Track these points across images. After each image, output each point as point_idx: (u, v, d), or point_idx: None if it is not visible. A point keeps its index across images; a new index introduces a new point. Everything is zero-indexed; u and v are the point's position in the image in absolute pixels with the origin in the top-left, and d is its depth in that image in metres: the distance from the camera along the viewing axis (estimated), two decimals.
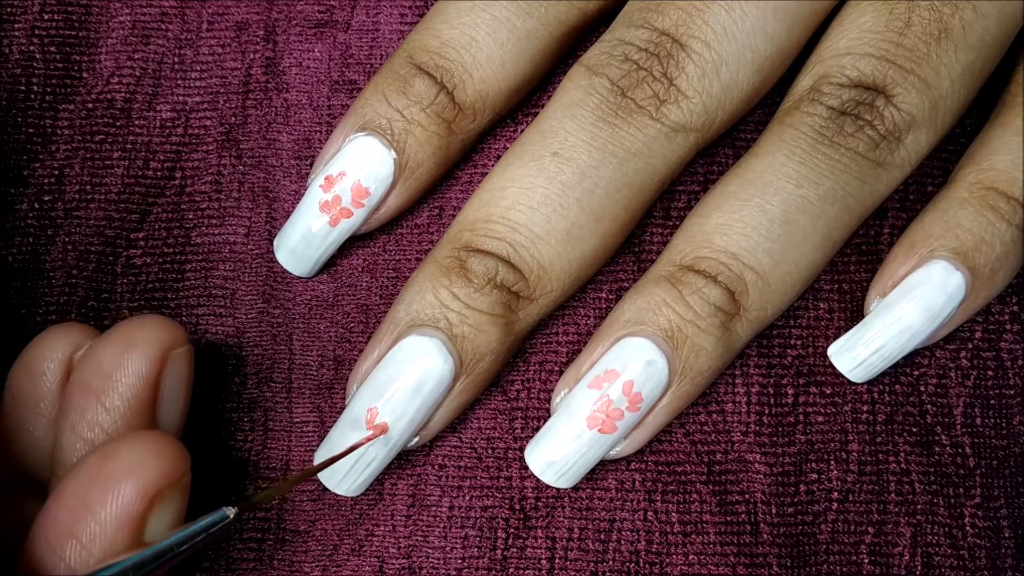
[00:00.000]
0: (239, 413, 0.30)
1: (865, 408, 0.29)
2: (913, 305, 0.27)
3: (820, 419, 0.29)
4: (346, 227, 0.29)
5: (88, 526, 0.22)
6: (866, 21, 0.27)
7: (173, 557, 0.22)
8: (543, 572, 0.28)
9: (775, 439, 0.29)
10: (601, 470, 0.29)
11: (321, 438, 0.28)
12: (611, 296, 0.30)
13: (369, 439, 0.26)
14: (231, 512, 0.23)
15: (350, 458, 0.27)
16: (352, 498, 0.29)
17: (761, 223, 0.26)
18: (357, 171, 0.28)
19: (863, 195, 0.27)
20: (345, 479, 0.27)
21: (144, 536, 0.22)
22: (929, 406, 0.29)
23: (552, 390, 0.29)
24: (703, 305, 0.26)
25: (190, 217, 0.31)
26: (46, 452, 0.26)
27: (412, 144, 0.28)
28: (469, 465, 0.29)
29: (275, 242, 0.30)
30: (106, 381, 0.25)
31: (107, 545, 0.22)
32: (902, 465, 0.29)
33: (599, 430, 0.26)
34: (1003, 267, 0.27)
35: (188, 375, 0.26)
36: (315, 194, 0.28)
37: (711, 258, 0.26)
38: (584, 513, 0.29)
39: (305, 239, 0.29)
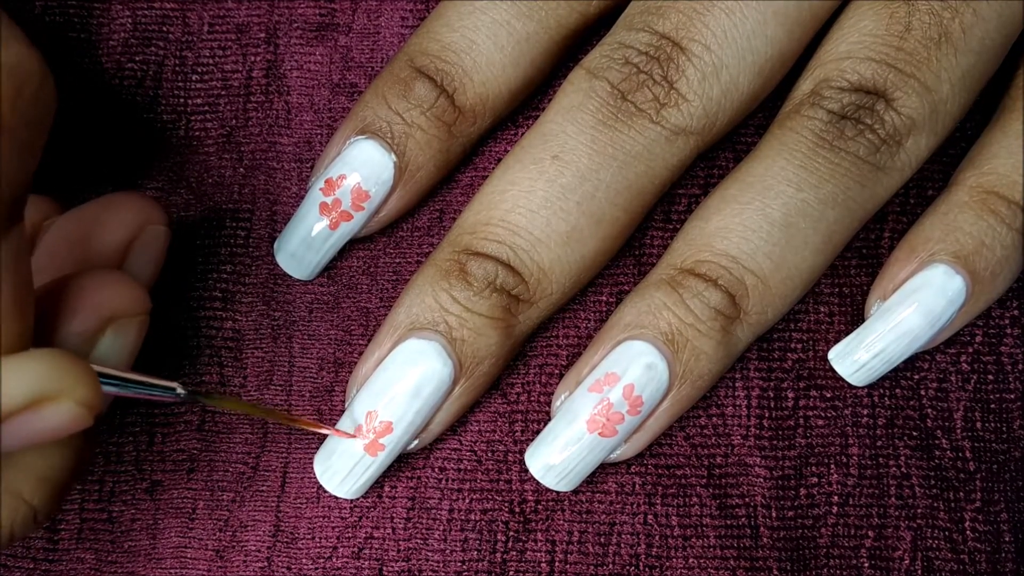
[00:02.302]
0: (239, 416, 0.30)
1: (865, 412, 0.29)
2: (914, 309, 0.27)
3: (820, 423, 0.29)
4: (346, 230, 0.29)
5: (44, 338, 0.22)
6: (866, 25, 0.27)
7: (107, 384, 0.22)
8: (543, 575, 0.28)
9: (775, 443, 0.29)
10: (601, 473, 0.29)
11: (321, 441, 0.28)
12: (611, 299, 0.30)
13: (341, 434, 0.26)
14: (181, 392, 0.23)
15: (349, 460, 0.27)
16: (351, 500, 0.29)
17: (762, 227, 0.26)
18: (357, 174, 0.28)
19: (863, 199, 0.27)
20: (344, 482, 0.27)
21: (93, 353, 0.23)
22: (929, 410, 0.29)
23: (552, 393, 0.29)
24: (703, 309, 0.26)
25: (191, 219, 0.31)
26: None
27: (412, 147, 0.28)
28: (469, 468, 0.29)
29: (275, 245, 0.30)
30: (78, 237, 0.25)
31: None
32: (902, 469, 0.29)
33: (600, 434, 0.26)
34: (1003, 271, 0.27)
35: (158, 254, 0.27)
36: (315, 197, 0.28)
37: (712, 261, 0.26)
38: (584, 516, 0.29)
39: (305, 242, 0.29)
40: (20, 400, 0.19)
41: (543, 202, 0.26)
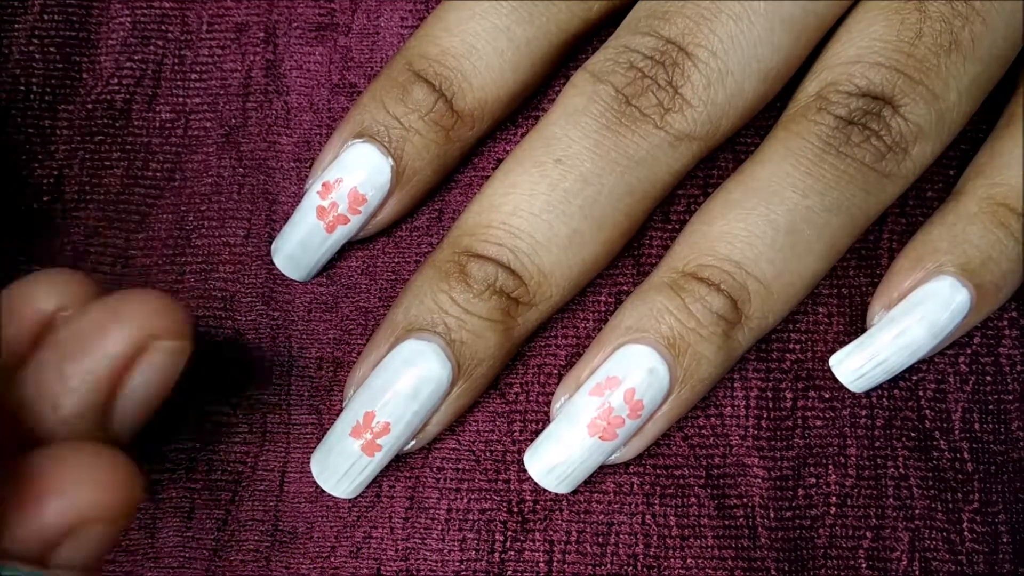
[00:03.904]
0: (237, 415, 0.30)
1: (863, 413, 0.29)
2: (918, 320, 0.27)
3: (818, 423, 0.29)
4: (343, 233, 0.29)
5: (8, 530, 0.20)
6: (876, 30, 0.27)
7: None
8: (541, 575, 0.28)
9: (773, 443, 0.29)
10: (599, 474, 0.29)
11: (319, 440, 0.28)
12: (610, 300, 0.30)
13: None
14: None
15: (346, 460, 0.27)
16: (350, 500, 0.29)
17: (766, 232, 0.26)
18: (354, 178, 0.28)
19: (867, 206, 0.27)
20: (341, 481, 0.27)
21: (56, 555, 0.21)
22: (928, 411, 0.29)
23: (551, 393, 0.29)
24: (705, 313, 0.26)
25: (190, 219, 0.31)
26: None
27: (410, 152, 0.28)
28: (467, 468, 0.29)
29: (273, 247, 0.30)
30: (76, 348, 0.22)
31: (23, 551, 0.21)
32: (900, 470, 0.29)
33: (600, 437, 0.26)
34: (1007, 284, 0.27)
35: (170, 372, 0.23)
36: (312, 200, 0.28)
37: (714, 266, 0.26)
38: (582, 516, 0.29)
39: (302, 245, 0.29)
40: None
41: (545, 205, 0.26)
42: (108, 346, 0.22)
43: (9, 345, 0.23)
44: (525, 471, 0.28)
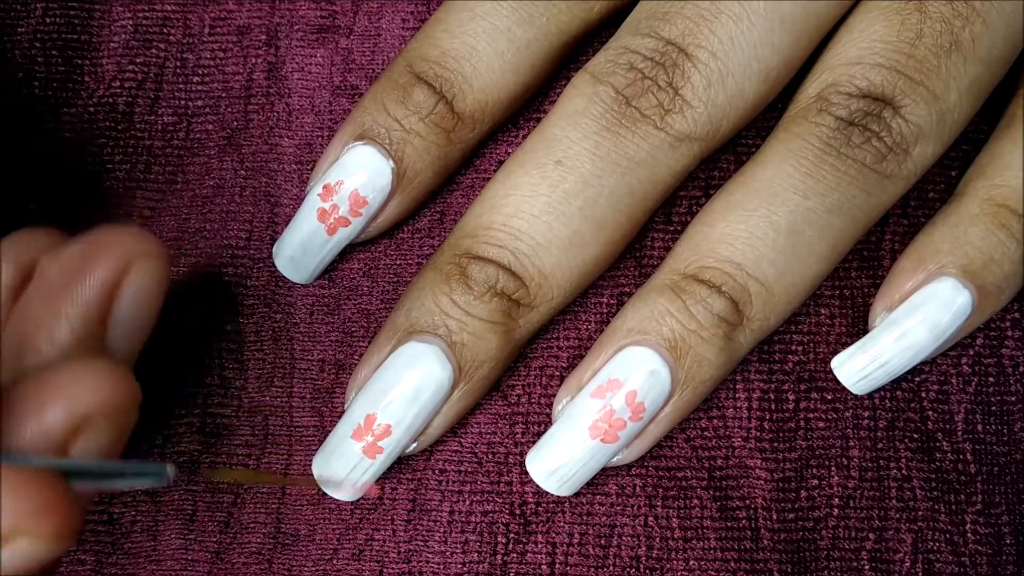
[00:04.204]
0: (239, 418, 0.30)
1: (866, 414, 0.29)
2: (920, 322, 0.27)
3: (821, 425, 0.29)
4: (344, 235, 0.29)
5: (13, 441, 0.21)
6: (877, 30, 0.26)
7: (84, 479, 0.21)
8: None
9: (776, 445, 0.29)
10: (602, 475, 0.29)
11: (321, 442, 0.28)
12: (612, 301, 0.29)
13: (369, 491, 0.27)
14: (171, 474, 0.22)
15: (348, 463, 0.27)
16: (352, 502, 0.29)
17: (767, 234, 0.26)
18: (355, 180, 0.28)
19: (868, 207, 0.27)
20: (343, 484, 0.27)
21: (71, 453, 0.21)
22: (930, 412, 0.29)
23: (553, 395, 0.29)
24: (707, 315, 0.26)
25: (192, 222, 0.31)
26: None
27: (410, 154, 0.28)
28: (469, 470, 0.29)
29: (274, 249, 0.30)
30: (62, 282, 0.23)
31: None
32: (903, 471, 0.29)
33: (601, 440, 0.26)
34: (1009, 286, 0.27)
35: (153, 291, 0.24)
36: (313, 202, 0.28)
37: (716, 268, 0.26)
38: (584, 518, 0.29)
39: (303, 247, 0.29)
40: None
41: (545, 207, 0.26)
42: (93, 273, 0.23)
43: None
44: (527, 473, 0.28)
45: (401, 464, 0.29)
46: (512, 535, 0.28)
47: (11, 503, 0.18)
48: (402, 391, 0.26)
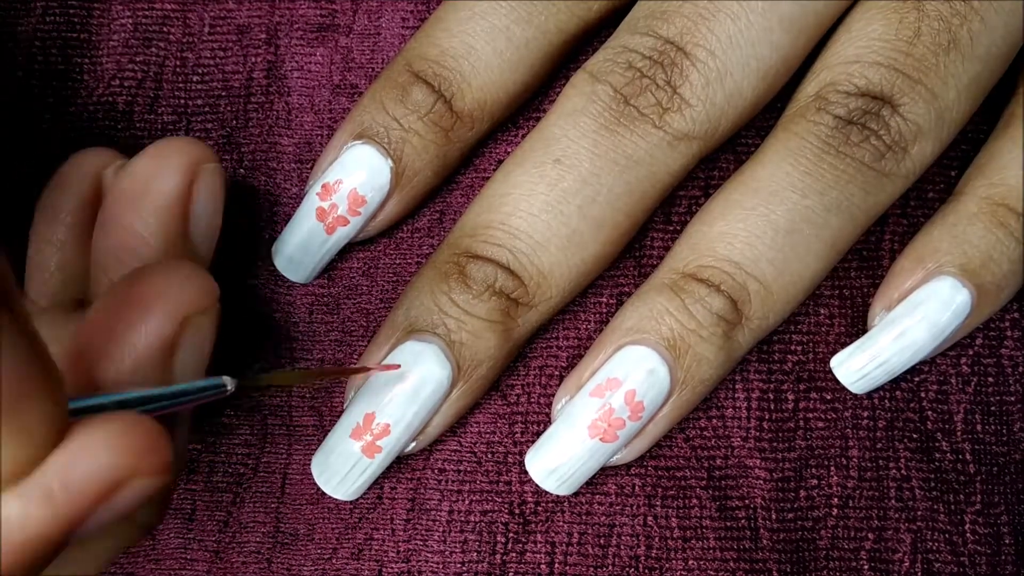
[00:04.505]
0: (239, 417, 0.30)
1: (865, 414, 0.29)
2: (919, 321, 0.27)
3: (820, 425, 0.29)
4: (343, 235, 0.29)
5: (120, 346, 0.21)
6: (875, 29, 0.26)
7: (157, 406, 0.21)
8: None
9: (775, 444, 0.29)
10: (601, 475, 0.29)
11: (321, 441, 0.28)
12: (612, 301, 0.29)
13: (388, 367, 0.26)
14: (230, 385, 0.22)
15: (347, 462, 0.27)
16: (351, 502, 0.29)
17: (766, 233, 0.26)
18: (354, 179, 0.28)
19: (867, 205, 0.27)
20: (342, 483, 0.27)
21: (174, 360, 0.22)
22: (930, 412, 0.29)
23: (552, 395, 0.29)
24: (706, 314, 0.26)
25: None
26: (80, 269, 0.26)
27: (409, 153, 0.28)
28: (469, 469, 0.29)
29: (273, 248, 0.30)
30: (141, 191, 0.25)
31: (139, 364, 0.22)
32: (902, 471, 0.29)
33: (600, 439, 0.26)
34: (1008, 285, 0.27)
35: (219, 192, 0.26)
36: (312, 201, 0.28)
37: (714, 267, 0.26)
38: (584, 518, 0.29)
39: (302, 246, 0.29)
40: (91, 497, 0.18)
41: (544, 206, 0.26)
42: (170, 180, 0.25)
43: (66, 208, 0.27)
44: (526, 473, 0.28)
45: (400, 463, 0.29)
46: (511, 534, 0.28)
47: (123, 447, 0.18)
48: (401, 390, 0.26)
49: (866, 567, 0.28)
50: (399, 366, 0.26)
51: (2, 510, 0.17)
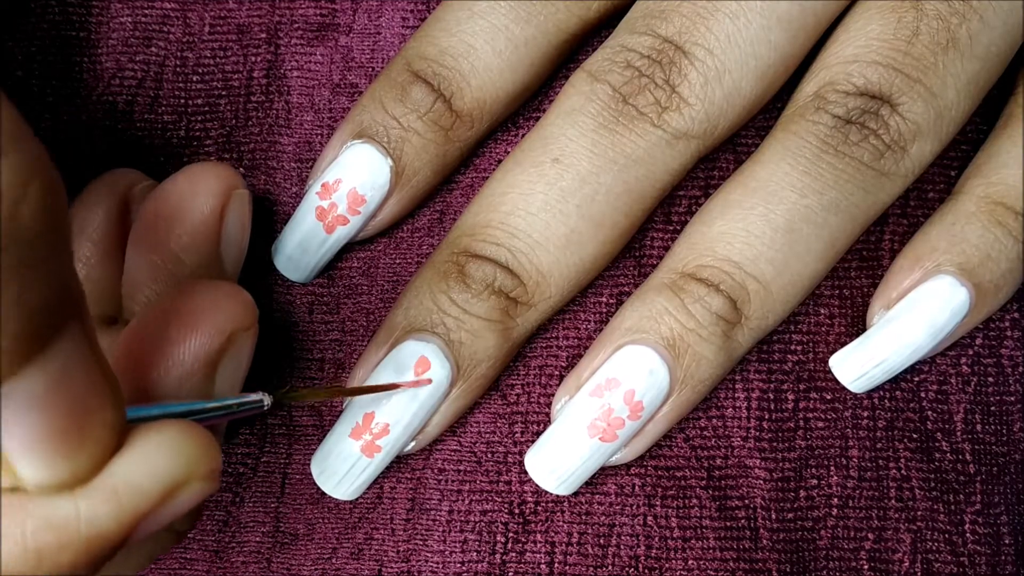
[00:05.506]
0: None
1: (865, 414, 0.29)
2: (917, 320, 0.27)
3: (820, 425, 0.29)
4: (342, 234, 0.29)
5: (166, 359, 0.22)
6: (873, 29, 0.26)
7: (200, 419, 0.21)
8: None
9: (775, 444, 0.29)
10: (601, 475, 0.29)
11: (320, 441, 0.28)
12: (611, 300, 0.29)
13: (419, 383, 0.26)
14: (267, 401, 0.23)
15: (347, 462, 0.27)
16: (351, 501, 0.29)
17: (765, 232, 0.26)
18: (353, 179, 0.28)
19: (866, 205, 0.27)
20: (341, 483, 0.27)
21: (216, 375, 0.23)
22: (930, 412, 0.29)
23: (552, 394, 0.29)
24: (705, 314, 0.26)
25: None
26: (106, 285, 0.27)
27: (408, 152, 0.28)
28: (468, 469, 0.29)
29: (272, 248, 0.30)
30: (176, 212, 0.26)
31: (184, 377, 0.22)
32: (902, 471, 0.29)
33: (600, 438, 0.26)
34: (1007, 284, 0.27)
35: (247, 216, 0.27)
36: (312, 201, 0.28)
37: (714, 267, 0.26)
38: (583, 518, 0.29)
39: (301, 246, 0.29)
40: (153, 499, 0.18)
41: (542, 205, 0.26)
42: (204, 202, 0.26)
43: (93, 225, 0.27)
44: (526, 472, 0.28)
45: (400, 463, 0.29)
46: (511, 534, 0.28)
47: (182, 452, 0.19)
48: (400, 390, 0.26)
49: (866, 567, 0.28)
50: (430, 381, 0.27)
51: (73, 508, 0.18)
